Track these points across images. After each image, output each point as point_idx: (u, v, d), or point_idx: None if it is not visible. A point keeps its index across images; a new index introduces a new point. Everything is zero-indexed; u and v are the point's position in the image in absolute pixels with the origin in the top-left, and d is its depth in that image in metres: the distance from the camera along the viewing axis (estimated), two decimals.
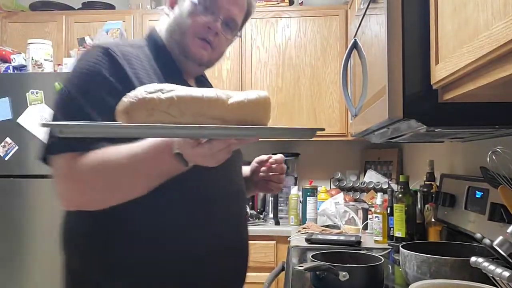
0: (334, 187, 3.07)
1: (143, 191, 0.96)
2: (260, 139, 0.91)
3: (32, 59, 2.71)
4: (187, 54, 1.11)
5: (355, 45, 1.55)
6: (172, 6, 1.15)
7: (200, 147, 0.84)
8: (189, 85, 1.07)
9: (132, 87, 0.88)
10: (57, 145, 0.98)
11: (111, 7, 3.31)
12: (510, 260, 0.93)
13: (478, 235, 1.00)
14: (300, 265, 1.26)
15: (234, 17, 1.14)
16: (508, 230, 0.94)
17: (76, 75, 1.02)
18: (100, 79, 0.99)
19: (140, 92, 0.81)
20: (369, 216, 2.28)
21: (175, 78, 1.06)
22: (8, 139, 2.59)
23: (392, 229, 1.95)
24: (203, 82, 1.26)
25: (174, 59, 1.13)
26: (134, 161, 0.92)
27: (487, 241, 0.95)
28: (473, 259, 0.97)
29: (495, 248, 0.93)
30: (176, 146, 0.88)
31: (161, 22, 1.16)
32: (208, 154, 0.86)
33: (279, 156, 1.29)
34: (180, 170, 0.92)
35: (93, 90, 0.98)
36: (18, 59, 2.78)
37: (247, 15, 1.22)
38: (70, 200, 1.01)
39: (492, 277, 0.92)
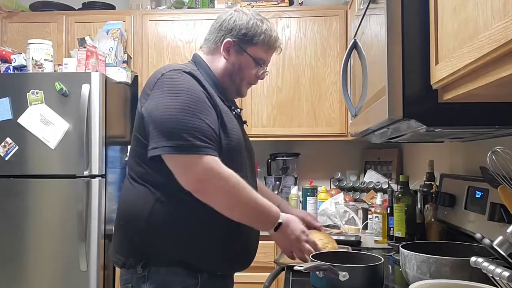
0: (334, 187, 3.07)
1: (236, 218, 1.32)
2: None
3: (32, 59, 2.71)
4: (240, 93, 1.53)
5: (355, 45, 1.56)
6: (228, 52, 1.45)
7: (298, 240, 1.40)
8: (231, 100, 1.53)
9: (216, 104, 1.34)
10: (199, 148, 1.25)
11: (111, 7, 3.31)
12: (510, 260, 0.93)
13: (478, 235, 1.00)
14: (300, 265, 1.26)
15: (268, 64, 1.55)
16: (508, 230, 0.94)
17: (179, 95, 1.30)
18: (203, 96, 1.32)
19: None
20: (369, 216, 2.28)
21: (226, 99, 1.44)
22: (8, 139, 2.59)
23: (392, 229, 1.95)
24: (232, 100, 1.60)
25: (222, 86, 1.46)
26: (253, 205, 1.32)
27: (487, 241, 0.95)
28: (473, 259, 0.97)
29: (495, 248, 0.94)
30: (282, 220, 1.36)
31: (213, 59, 1.47)
32: (296, 239, 1.40)
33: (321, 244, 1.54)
34: (264, 229, 1.40)
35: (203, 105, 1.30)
36: (18, 59, 2.78)
37: None
38: (198, 187, 1.25)
39: (492, 277, 0.92)
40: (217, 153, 1.27)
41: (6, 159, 2.59)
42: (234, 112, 1.46)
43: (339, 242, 1.98)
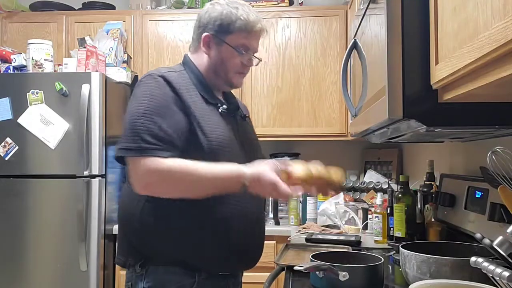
0: None
1: (203, 196, 1.30)
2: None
3: (32, 59, 2.71)
4: (232, 85, 1.50)
5: (355, 45, 1.56)
6: (208, 46, 1.45)
7: (276, 190, 1.26)
8: (218, 98, 1.48)
9: (186, 106, 1.33)
10: (132, 149, 1.26)
11: (111, 7, 3.31)
12: (510, 260, 0.93)
13: (478, 235, 1.00)
14: (300, 265, 1.26)
15: (257, 50, 1.49)
16: (508, 230, 0.94)
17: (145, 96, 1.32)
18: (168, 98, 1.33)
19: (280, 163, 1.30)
20: (369, 216, 2.28)
21: (211, 97, 1.43)
22: (8, 139, 2.59)
23: (392, 229, 1.95)
24: (229, 93, 1.60)
25: (207, 83, 1.45)
26: (212, 179, 1.28)
27: (487, 241, 0.95)
28: (473, 259, 0.97)
29: (495, 248, 0.94)
30: (247, 179, 1.26)
31: (199, 57, 1.47)
32: (270, 192, 1.28)
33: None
34: (236, 191, 1.30)
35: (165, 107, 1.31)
36: (18, 59, 2.78)
37: None
38: (148, 188, 1.28)
39: (492, 277, 0.92)
40: (169, 153, 1.26)
41: (6, 159, 2.59)
42: (220, 110, 1.43)
43: (339, 242, 1.99)
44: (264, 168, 1.28)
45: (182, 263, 1.34)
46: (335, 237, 2.06)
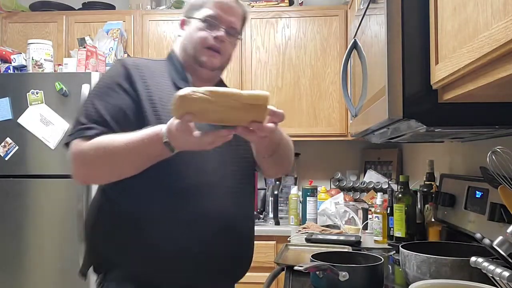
0: (334, 187, 3.07)
1: (135, 171, 1.17)
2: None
3: (32, 59, 2.71)
4: (202, 64, 1.33)
5: (355, 45, 1.56)
6: (182, 27, 1.39)
7: (191, 137, 1.05)
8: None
9: (137, 89, 1.23)
10: (71, 134, 1.21)
11: (111, 7, 3.31)
12: (510, 260, 0.93)
13: (478, 235, 1.00)
14: (300, 265, 1.26)
15: (233, 25, 1.36)
16: (508, 230, 0.94)
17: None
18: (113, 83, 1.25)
19: (187, 88, 1.03)
20: (369, 216, 2.28)
21: (186, 84, 1.29)
22: (8, 139, 2.59)
23: (392, 229, 1.95)
24: (220, 84, 1.44)
25: (183, 70, 1.35)
26: (129, 146, 1.13)
27: (487, 241, 0.95)
28: (473, 259, 0.97)
29: (495, 248, 0.93)
30: (165, 135, 1.08)
31: (177, 43, 1.40)
32: (198, 143, 1.07)
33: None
34: (167, 155, 1.13)
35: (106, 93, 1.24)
36: (18, 59, 2.78)
37: (244, 20, 1.42)
38: (78, 176, 1.22)
39: (492, 277, 0.92)
40: (95, 131, 1.17)
41: (6, 159, 2.59)
42: None
43: (339, 242, 1.99)
44: (168, 125, 1.09)
45: (136, 279, 1.22)
46: (335, 237, 2.06)
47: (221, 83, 1.45)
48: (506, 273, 0.86)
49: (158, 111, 1.22)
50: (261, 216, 2.93)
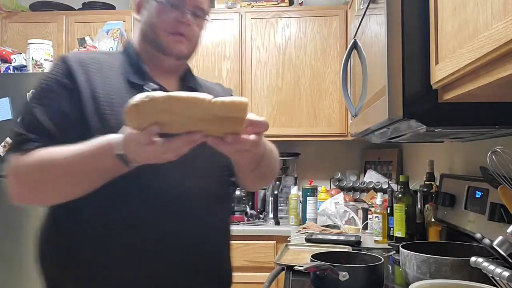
0: (334, 187, 3.07)
1: (81, 190, 0.99)
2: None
3: (32, 59, 2.71)
4: (165, 51, 1.12)
5: (355, 45, 1.56)
6: (138, 10, 1.17)
7: (153, 146, 0.85)
8: (156, 82, 1.11)
9: (78, 84, 1.03)
10: (9, 149, 1.05)
11: (111, 7, 3.31)
12: (510, 260, 0.93)
13: (478, 235, 1.00)
14: (300, 265, 1.26)
15: (200, 5, 1.13)
16: (508, 230, 0.94)
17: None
18: (53, 84, 1.07)
19: (143, 94, 0.84)
20: (369, 216, 2.28)
21: (141, 77, 1.11)
22: (8, 139, 2.59)
23: (392, 229, 1.95)
24: (189, 79, 1.23)
25: (139, 61, 1.14)
26: (75, 159, 0.95)
27: (487, 241, 0.95)
28: (473, 259, 0.97)
29: (495, 248, 0.94)
30: (119, 147, 0.90)
31: (135, 30, 1.17)
32: (161, 152, 0.87)
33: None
34: (122, 171, 0.94)
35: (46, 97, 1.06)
36: (18, 59, 2.78)
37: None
38: (17, 196, 1.05)
39: (492, 277, 0.92)
40: (36, 144, 1.00)
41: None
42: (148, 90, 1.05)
43: (339, 242, 1.99)
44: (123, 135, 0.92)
45: None
46: (335, 237, 2.06)
47: (188, 73, 1.23)
48: (506, 273, 0.86)
49: (103, 109, 1.03)
50: (261, 216, 2.93)
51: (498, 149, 1.12)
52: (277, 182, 2.98)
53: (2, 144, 2.60)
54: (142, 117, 0.84)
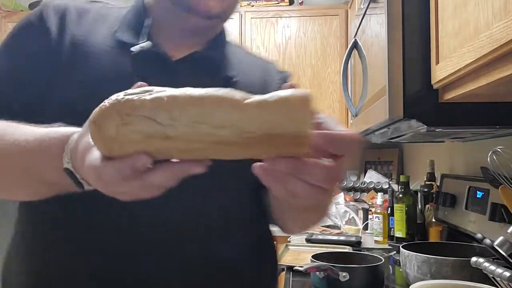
0: None
1: (23, 191, 0.75)
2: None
3: None
4: (190, 8, 0.76)
5: (355, 45, 1.55)
6: None
7: (133, 181, 0.47)
8: (157, 44, 0.77)
9: (49, 30, 0.75)
10: None
11: None
12: (511, 260, 0.93)
13: (479, 235, 1.00)
14: (300, 265, 1.26)
15: None
16: (509, 230, 0.94)
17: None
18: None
19: (118, 94, 0.47)
20: (369, 216, 2.28)
21: (135, 35, 0.78)
22: None
23: (392, 229, 1.95)
24: (215, 46, 0.87)
25: (142, 14, 0.81)
26: (21, 144, 0.64)
27: (487, 241, 0.95)
28: (473, 259, 0.97)
29: (495, 248, 0.93)
30: (68, 159, 0.55)
31: None
32: (139, 188, 0.49)
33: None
34: (71, 190, 0.58)
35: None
36: None
37: None
38: None
39: (493, 277, 0.91)
40: None
41: None
42: (132, 52, 0.75)
43: (339, 242, 1.98)
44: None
45: None
46: (335, 237, 2.06)
47: (219, 40, 0.89)
48: (507, 274, 0.86)
49: (74, 67, 0.74)
50: None
51: (499, 149, 1.12)
52: None
53: None
54: (106, 146, 0.47)
